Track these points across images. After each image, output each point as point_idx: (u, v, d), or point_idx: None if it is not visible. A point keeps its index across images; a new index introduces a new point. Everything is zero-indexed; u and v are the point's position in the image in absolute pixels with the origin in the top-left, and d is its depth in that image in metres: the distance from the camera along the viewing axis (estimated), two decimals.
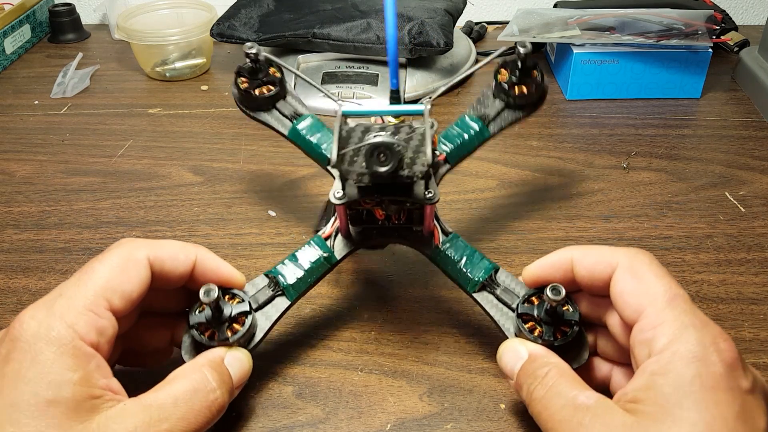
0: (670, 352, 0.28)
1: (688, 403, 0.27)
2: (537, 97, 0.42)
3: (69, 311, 0.30)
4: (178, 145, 0.63)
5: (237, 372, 0.34)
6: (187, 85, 0.75)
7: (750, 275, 0.46)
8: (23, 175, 0.59)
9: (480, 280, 0.37)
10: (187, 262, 0.34)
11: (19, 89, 0.75)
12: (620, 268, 0.32)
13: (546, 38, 0.71)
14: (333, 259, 0.38)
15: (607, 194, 0.55)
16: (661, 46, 0.67)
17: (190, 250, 0.35)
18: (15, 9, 0.83)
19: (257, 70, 0.42)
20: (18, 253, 0.50)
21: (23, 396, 0.27)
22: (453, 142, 0.41)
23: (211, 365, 0.32)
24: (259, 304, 0.37)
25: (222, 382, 0.32)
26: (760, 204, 0.54)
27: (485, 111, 0.42)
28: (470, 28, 0.86)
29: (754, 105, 0.69)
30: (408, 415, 0.37)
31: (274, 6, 0.77)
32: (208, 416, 0.31)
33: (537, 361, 0.33)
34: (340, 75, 0.69)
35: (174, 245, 0.35)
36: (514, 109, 0.42)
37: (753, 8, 0.95)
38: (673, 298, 0.30)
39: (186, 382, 0.31)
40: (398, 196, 0.34)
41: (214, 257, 0.36)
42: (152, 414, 0.29)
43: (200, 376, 0.31)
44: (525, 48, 0.39)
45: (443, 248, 0.38)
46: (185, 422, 0.30)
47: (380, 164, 0.31)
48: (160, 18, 0.79)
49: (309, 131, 0.42)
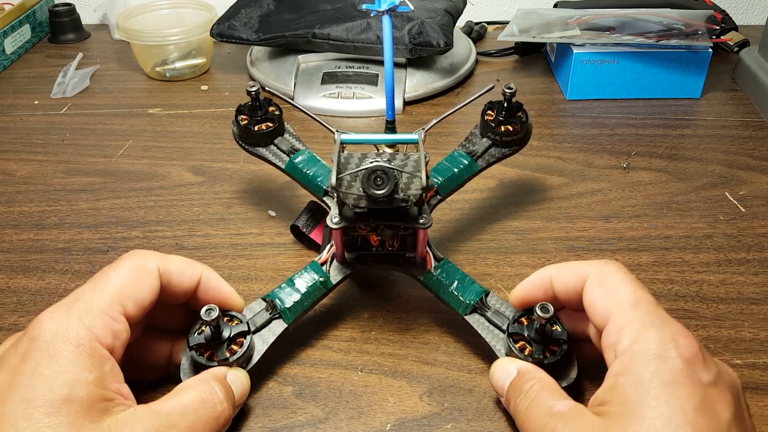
0: (631, 352, 0.29)
1: (649, 400, 0.28)
2: (522, 135, 0.45)
3: (87, 314, 0.31)
4: (178, 145, 0.63)
5: (238, 390, 0.35)
6: (187, 85, 0.75)
7: (750, 275, 0.46)
8: (23, 175, 0.59)
9: (471, 303, 0.38)
10: (192, 278, 0.36)
11: (19, 89, 0.75)
12: (590, 279, 0.33)
13: (546, 38, 0.71)
14: (329, 284, 0.40)
15: (607, 194, 0.55)
16: (661, 46, 0.67)
17: (196, 267, 0.36)
18: (15, 9, 0.83)
19: (257, 107, 0.44)
20: (18, 253, 0.50)
21: (39, 393, 0.28)
22: (443, 175, 0.43)
23: (216, 379, 0.33)
24: (256, 327, 0.37)
25: (227, 396, 0.33)
26: (760, 204, 0.54)
27: (473, 148, 0.45)
28: (470, 28, 0.86)
29: (754, 105, 0.69)
30: (408, 415, 0.37)
31: (274, 6, 0.77)
32: (215, 427, 0.32)
33: (524, 377, 0.34)
34: (340, 75, 0.69)
35: (182, 260, 0.36)
36: (501, 147, 0.45)
37: (753, 8, 0.95)
38: (636, 301, 0.31)
39: (195, 393, 0.32)
40: (393, 221, 0.36)
41: (217, 277, 0.37)
42: (161, 421, 0.30)
43: (208, 387, 0.32)
44: (510, 90, 0.43)
45: (435, 273, 0.39)
46: (193, 431, 0.30)
47: (377, 188, 0.33)
48: (160, 18, 0.79)
49: (305, 165, 0.44)
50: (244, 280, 0.46)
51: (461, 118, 0.68)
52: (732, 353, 0.40)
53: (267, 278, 0.47)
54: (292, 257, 0.49)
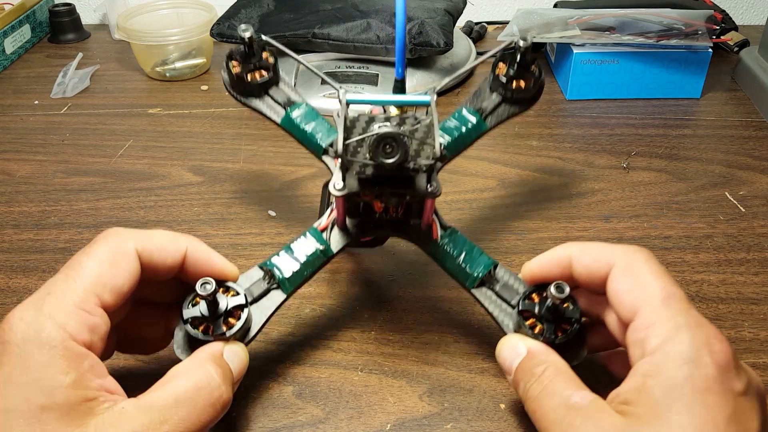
0: (662, 353, 0.28)
1: (679, 406, 0.27)
2: (534, 91, 0.41)
3: (59, 311, 0.29)
4: (178, 145, 0.63)
5: (236, 366, 0.33)
6: (187, 85, 0.75)
7: (750, 275, 0.46)
8: (23, 175, 0.59)
9: (479, 276, 0.36)
10: (176, 254, 0.33)
11: (19, 89, 0.75)
12: (617, 267, 0.32)
13: (546, 38, 0.71)
14: (329, 252, 0.37)
15: (607, 194, 0.55)
16: (661, 46, 0.67)
17: (180, 241, 0.34)
18: (15, 9, 0.83)
19: (250, 54, 0.40)
20: (18, 253, 0.50)
21: (15, 402, 0.27)
22: (450, 135, 0.40)
23: (213, 360, 0.31)
24: (254, 297, 0.36)
25: (225, 377, 0.31)
26: (760, 204, 0.54)
27: (482, 104, 0.41)
28: (470, 28, 0.86)
29: (754, 105, 0.69)
30: (408, 415, 0.37)
31: (274, 6, 0.77)
32: (212, 414, 0.30)
33: (535, 359, 0.32)
34: (340, 75, 0.69)
35: (163, 236, 0.33)
36: (512, 104, 0.41)
37: (753, 8, 0.95)
38: (667, 298, 0.30)
39: (187, 380, 0.30)
40: (400, 189, 0.33)
41: (205, 248, 0.34)
42: (152, 416, 0.28)
43: (203, 372, 0.30)
44: (525, 42, 0.38)
45: (442, 243, 0.37)
46: (187, 422, 0.28)
47: (386, 155, 0.30)
48: (160, 18, 0.79)
49: (303, 120, 0.41)
50: None
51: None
52: None
53: None
54: None
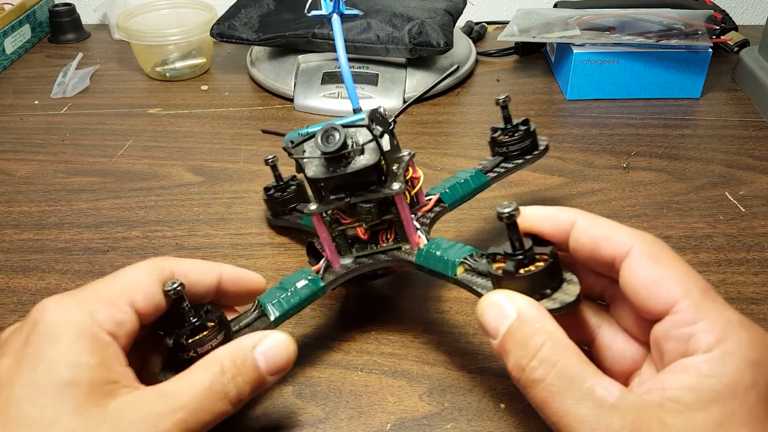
0: (723, 354, 0.26)
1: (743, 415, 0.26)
2: (528, 144, 0.46)
3: (90, 301, 0.31)
4: (178, 145, 0.63)
5: (273, 358, 0.32)
6: (187, 85, 0.75)
7: (750, 275, 0.46)
8: (23, 175, 0.59)
9: (458, 261, 0.35)
10: (211, 275, 0.35)
11: (19, 89, 0.75)
12: (637, 252, 0.29)
13: (546, 38, 0.71)
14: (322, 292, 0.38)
15: (607, 194, 0.55)
16: (661, 46, 0.67)
17: (215, 265, 0.36)
18: (15, 9, 0.83)
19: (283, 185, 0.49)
20: (18, 253, 0.50)
21: (42, 377, 0.28)
22: (449, 183, 0.43)
23: (231, 356, 0.32)
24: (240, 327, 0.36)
25: (239, 374, 0.31)
26: (760, 204, 0.54)
27: (484, 164, 0.46)
28: (470, 28, 0.86)
29: (754, 105, 0.69)
30: (408, 414, 0.37)
31: (274, 6, 0.77)
32: (222, 408, 0.31)
33: (527, 325, 0.29)
34: (339, 75, 0.69)
35: (199, 261, 0.36)
36: (512, 159, 0.46)
37: (753, 8, 0.95)
38: (707, 291, 0.28)
39: (202, 374, 0.31)
40: (365, 194, 0.36)
41: (235, 267, 0.37)
42: (168, 403, 0.29)
43: (217, 367, 0.31)
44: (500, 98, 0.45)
45: (424, 248, 0.37)
46: (201, 412, 0.30)
47: (328, 145, 0.34)
48: (160, 18, 0.79)
49: None
50: None
51: (461, 118, 0.68)
52: None
53: (267, 278, 0.46)
54: (292, 257, 0.49)
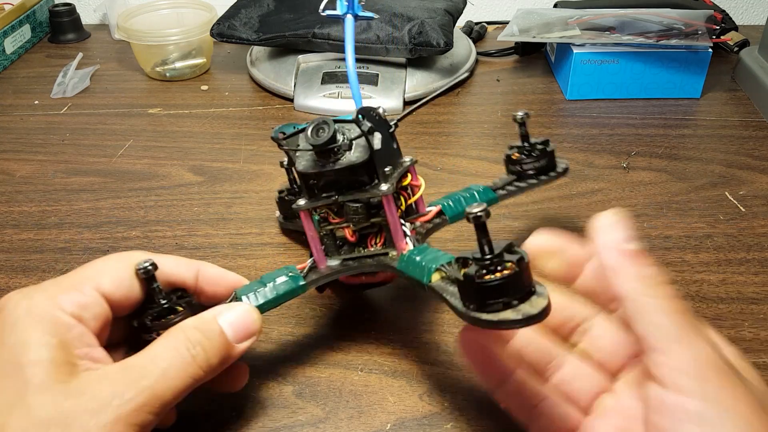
0: None
1: None
2: (545, 163, 0.43)
3: (52, 288, 0.32)
4: (178, 145, 0.63)
5: (238, 325, 0.33)
6: (187, 85, 0.75)
7: (750, 275, 0.46)
8: (23, 175, 0.59)
9: (434, 268, 0.32)
10: (189, 272, 0.36)
11: (19, 89, 0.75)
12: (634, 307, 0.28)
13: (546, 38, 0.71)
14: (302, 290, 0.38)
15: (607, 194, 0.55)
16: (661, 46, 0.67)
17: (192, 262, 0.36)
18: (15, 9, 0.83)
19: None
20: (18, 253, 0.50)
21: (3, 359, 0.29)
22: (454, 196, 0.42)
23: (195, 324, 0.32)
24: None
25: (206, 338, 0.31)
26: (760, 204, 0.54)
27: (496, 182, 0.44)
28: (470, 28, 0.86)
29: (753, 105, 0.69)
30: (408, 414, 0.37)
31: (274, 6, 0.77)
32: (192, 373, 0.30)
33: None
34: (340, 75, 0.69)
35: (176, 257, 0.36)
36: (525, 178, 0.44)
37: (753, 8, 0.95)
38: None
39: (166, 341, 0.31)
40: (354, 193, 0.35)
41: (216, 267, 0.37)
42: (131, 373, 0.29)
43: (181, 334, 0.31)
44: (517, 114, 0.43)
45: (407, 254, 0.35)
46: (168, 378, 0.30)
47: (318, 138, 0.34)
48: (160, 18, 0.79)
49: None
50: None
51: (461, 118, 0.68)
52: None
53: None
54: (292, 257, 0.49)
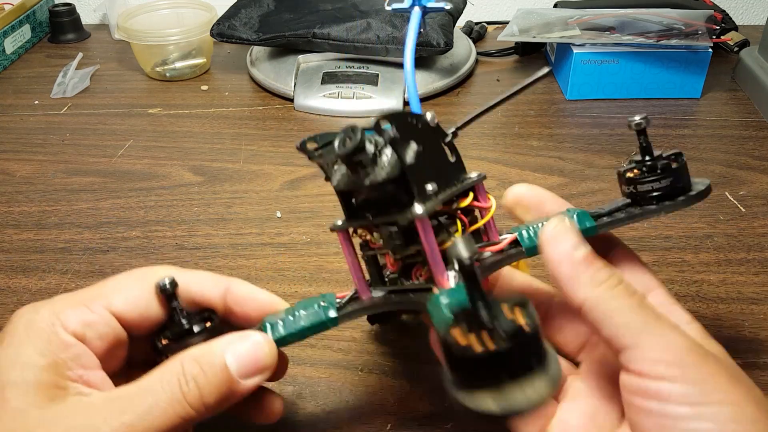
0: None
1: None
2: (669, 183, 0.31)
3: (62, 303, 0.30)
4: (179, 145, 0.63)
5: (245, 360, 0.29)
6: (187, 85, 0.75)
7: (750, 275, 0.46)
8: (23, 175, 0.59)
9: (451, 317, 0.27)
10: (216, 289, 0.32)
11: (19, 89, 0.75)
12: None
13: (546, 38, 0.71)
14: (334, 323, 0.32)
15: (607, 194, 0.55)
16: (661, 46, 0.67)
17: (221, 278, 0.33)
18: (15, 9, 0.83)
19: None
20: (18, 253, 0.50)
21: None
22: (534, 225, 0.34)
23: (196, 356, 0.29)
24: None
25: (203, 374, 0.28)
26: (760, 204, 0.54)
27: (604, 207, 0.33)
28: (470, 28, 0.86)
29: (754, 105, 0.69)
30: (408, 415, 0.37)
31: (274, 6, 0.77)
32: (180, 412, 0.27)
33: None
34: (340, 75, 0.69)
35: (205, 273, 0.33)
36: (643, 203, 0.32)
37: (753, 8, 0.95)
38: None
39: (159, 374, 0.28)
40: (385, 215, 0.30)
41: (248, 284, 0.33)
42: (114, 406, 0.27)
43: (177, 367, 0.28)
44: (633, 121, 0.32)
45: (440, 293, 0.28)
46: (152, 416, 0.27)
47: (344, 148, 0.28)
48: (160, 18, 0.79)
49: None
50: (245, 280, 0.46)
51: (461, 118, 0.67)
52: (732, 353, 0.40)
53: (267, 278, 0.47)
54: (292, 257, 0.49)
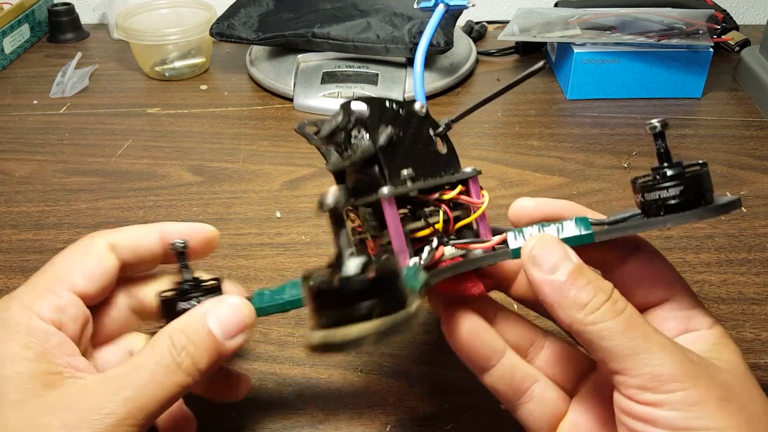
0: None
1: None
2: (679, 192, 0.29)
3: (27, 294, 0.30)
4: (178, 144, 0.63)
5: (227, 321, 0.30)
6: (187, 85, 0.75)
7: (751, 275, 0.46)
8: (22, 175, 0.59)
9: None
10: (152, 236, 0.34)
11: (18, 89, 0.75)
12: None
13: (546, 38, 0.71)
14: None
15: (608, 194, 0.55)
16: (662, 46, 0.67)
17: (153, 226, 0.34)
18: (14, 8, 0.82)
19: None
20: (17, 253, 0.50)
21: None
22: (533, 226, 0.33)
23: (180, 326, 0.30)
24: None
25: (191, 342, 0.29)
26: (761, 204, 0.53)
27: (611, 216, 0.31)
28: (470, 28, 0.86)
29: (755, 105, 0.69)
30: (408, 415, 0.37)
31: (273, 5, 0.77)
32: (178, 381, 0.28)
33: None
34: (339, 75, 0.69)
35: (134, 227, 0.34)
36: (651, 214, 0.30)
37: (754, 8, 0.95)
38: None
39: (150, 349, 0.29)
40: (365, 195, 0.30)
41: (179, 223, 0.35)
42: (112, 384, 0.28)
43: (166, 341, 0.29)
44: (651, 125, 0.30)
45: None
46: (151, 388, 0.28)
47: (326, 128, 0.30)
48: (159, 17, 0.79)
49: None
50: (244, 281, 0.46)
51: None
52: None
53: (267, 278, 0.47)
54: (292, 257, 0.48)
